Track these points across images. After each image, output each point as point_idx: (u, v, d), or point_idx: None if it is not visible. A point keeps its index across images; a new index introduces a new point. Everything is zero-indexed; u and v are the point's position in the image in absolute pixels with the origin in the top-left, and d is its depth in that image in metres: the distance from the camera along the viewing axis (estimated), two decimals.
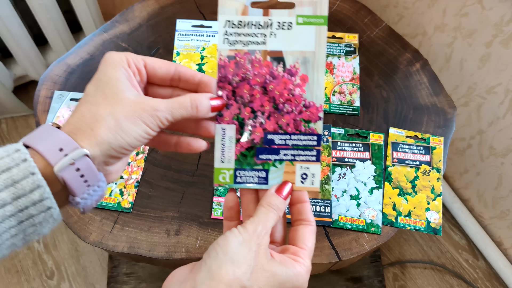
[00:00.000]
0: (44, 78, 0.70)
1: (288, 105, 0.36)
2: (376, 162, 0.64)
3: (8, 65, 1.12)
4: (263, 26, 0.35)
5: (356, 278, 0.97)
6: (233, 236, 0.31)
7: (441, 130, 0.68)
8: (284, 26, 0.35)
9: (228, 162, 0.36)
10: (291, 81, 0.35)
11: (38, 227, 0.28)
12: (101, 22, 1.13)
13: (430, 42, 0.94)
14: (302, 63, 0.35)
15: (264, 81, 0.35)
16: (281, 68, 0.35)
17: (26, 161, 0.27)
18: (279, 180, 0.36)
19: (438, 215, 0.61)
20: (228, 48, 0.35)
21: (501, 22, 0.77)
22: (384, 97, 0.72)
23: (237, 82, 0.35)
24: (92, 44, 0.74)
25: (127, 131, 0.30)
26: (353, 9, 0.81)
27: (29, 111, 1.23)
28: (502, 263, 1.03)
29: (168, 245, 0.58)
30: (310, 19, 0.35)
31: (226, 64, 0.35)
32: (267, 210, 0.33)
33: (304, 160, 0.36)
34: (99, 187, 0.30)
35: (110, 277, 0.95)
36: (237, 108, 0.35)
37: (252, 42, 0.35)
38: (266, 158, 0.36)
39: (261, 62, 0.35)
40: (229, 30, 0.35)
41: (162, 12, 0.79)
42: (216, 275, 0.29)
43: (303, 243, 0.35)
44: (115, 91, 0.31)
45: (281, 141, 0.36)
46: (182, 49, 0.74)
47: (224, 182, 0.36)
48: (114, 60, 0.32)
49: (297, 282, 0.32)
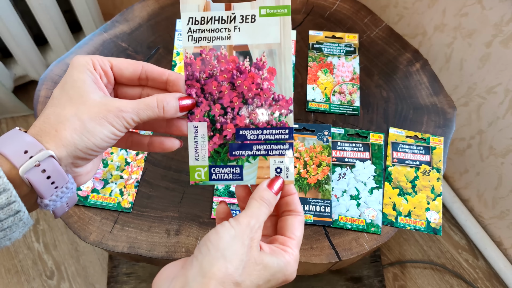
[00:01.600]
0: (44, 78, 0.70)
1: (257, 99, 0.35)
2: (376, 162, 0.64)
3: (8, 65, 1.12)
4: (227, 20, 0.34)
5: (356, 278, 0.97)
6: (225, 230, 0.31)
7: (441, 130, 0.68)
8: (248, 19, 0.34)
9: (202, 159, 0.36)
10: (259, 75, 0.35)
11: (8, 232, 0.28)
12: (101, 22, 1.13)
13: (430, 42, 0.94)
14: (269, 55, 0.35)
15: (231, 76, 0.35)
16: (248, 62, 0.35)
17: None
18: (254, 175, 0.36)
19: (438, 215, 0.61)
20: (193, 45, 0.35)
21: (501, 22, 0.77)
22: (384, 97, 0.72)
23: (205, 79, 0.35)
24: (92, 44, 0.74)
25: (92, 132, 0.30)
26: (353, 9, 0.81)
27: (29, 111, 1.23)
28: (502, 263, 1.03)
29: (168, 245, 0.58)
30: (273, 10, 0.34)
31: (192, 61, 0.35)
32: (259, 204, 0.33)
33: (277, 154, 0.36)
34: (68, 188, 0.30)
35: (110, 277, 0.95)
36: (207, 105, 0.35)
37: (217, 38, 0.35)
38: (239, 154, 0.36)
39: (227, 58, 0.35)
40: (192, 27, 0.35)
41: (162, 12, 0.79)
42: (208, 272, 0.29)
43: (292, 232, 0.35)
44: (80, 93, 0.31)
45: (253, 136, 0.36)
46: (182, 49, 0.74)
47: (200, 180, 0.36)
48: (80, 63, 0.32)
49: (286, 271, 0.33)
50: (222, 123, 0.36)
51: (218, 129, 0.36)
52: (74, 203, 0.33)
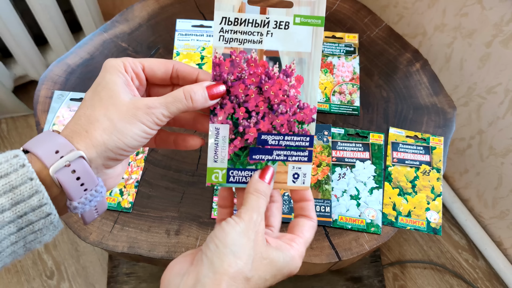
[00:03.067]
0: (44, 78, 0.70)
1: (282, 106, 0.35)
2: (376, 162, 0.64)
3: (8, 65, 1.12)
4: (260, 24, 0.34)
5: (356, 278, 0.97)
6: (231, 227, 0.31)
7: (441, 130, 0.68)
8: (281, 25, 0.34)
9: (221, 161, 0.36)
10: (286, 82, 0.35)
11: (38, 234, 0.28)
12: (101, 22, 1.13)
13: (430, 42, 0.94)
14: (298, 63, 0.35)
15: (259, 81, 0.35)
16: (277, 68, 0.35)
17: (25, 166, 0.27)
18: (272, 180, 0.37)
19: (438, 215, 0.61)
20: (224, 45, 0.34)
21: (501, 22, 0.77)
22: (384, 97, 0.72)
23: (232, 81, 0.35)
24: (92, 44, 0.74)
25: (123, 132, 0.30)
26: (353, 9, 0.81)
27: (29, 111, 1.23)
28: (502, 263, 1.03)
29: (168, 245, 0.58)
30: (307, 20, 0.34)
31: (221, 62, 0.35)
32: (256, 197, 0.33)
33: (296, 160, 0.37)
34: (97, 192, 0.30)
35: (110, 277, 0.95)
36: (232, 107, 0.35)
37: (248, 41, 0.34)
38: (259, 158, 0.36)
39: (257, 62, 0.35)
40: (225, 27, 0.34)
41: (162, 12, 0.79)
42: (219, 268, 0.29)
43: (301, 231, 0.35)
44: (110, 94, 0.31)
45: (274, 141, 0.36)
46: (182, 49, 0.74)
47: (217, 182, 0.36)
48: (111, 65, 0.32)
49: (291, 266, 0.33)
50: (245, 127, 0.36)
51: (240, 132, 0.36)
52: (104, 210, 0.33)
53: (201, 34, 0.76)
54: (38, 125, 0.66)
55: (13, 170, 0.27)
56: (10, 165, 0.27)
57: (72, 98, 0.68)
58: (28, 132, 1.22)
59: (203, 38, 0.76)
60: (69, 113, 0.66)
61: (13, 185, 0.26)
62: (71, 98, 0.68)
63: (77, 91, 0.69)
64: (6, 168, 0.27)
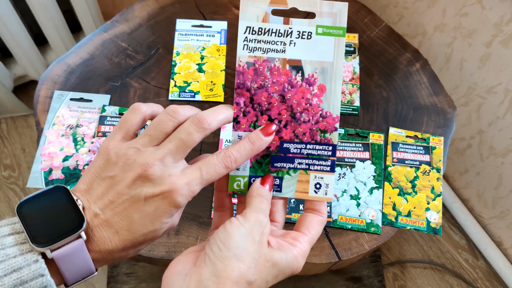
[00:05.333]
0: (44, 78, 0.70)
1: (305, 114, 0.36)
2: (376, 162, 0.64)
3: (8, 65, 1.12)
4: (283, 34, 0.35)
5: (356, 278, 0.97)
6: (235, 228, 0.30)
7: (441, 130, 0.68)
8: (304, 35, 0.35)
9: (243, 169, 0.36)
10: (309, 91, 0.35)
11: None
12: (101, 21, 1.13)
13: (430, 42, 0.94)
14: (320, 73, 0.35)
15: (282, 89, 0.35)
16: (300, 77, 0.35)
17: (43, 276, 0.28)
18: (293, 189, 0.36)
19: (438, 215, 0.61)
20: (248, 54, 0.35)
21: (501, 22, 0.77)
22: (384, 97, 0.72)
23: (255, 89, 0.35)
24: (92, 44, 0.74)
25: (133, 231, 0.31)
26: (353, 9, 0.81)
27: (29, 111, 1.23)
28: (502, 263, 1.03)
29: (168, 245, 0.58)
30: (329, 30, 0.35)
31: (245, 70, 0.35)
32: (260, 200, 0.33)
33: (318, 170, 0.36)
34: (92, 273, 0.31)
35: (110, 277, 0.95)
36: (254, 115, 0.35)
37: (272, 50, 0.35)
38: (280, 166, 0.36)
39: (280, 70, 0.35)
40: (249, 37, 0.35)
41: (162, 12, 0.79)
42: (222, 272, 0.29)
43: (307, 229, 0.35)
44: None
45: (296, 149, 0.36)
46: (182, 49, 0.74)
47: (239, 190, 0.36)
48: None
49: (293, 267, 0.33)
50: None
51: None
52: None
53: (201, 34, 0.76)
54: (38, 125, 0.66)
55: (30, 278, 0.27)
56: (29, 270, 0.28)
57: (72, 98, 0.68)
58: (28, 132, 1.22)
59: (203, 38, 0.76)
60: (69, 113, 0.66)
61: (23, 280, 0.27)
62: (71, 98, 0.68)
63: (77, 91, 0.69)
64: (26, 274, 0.27)
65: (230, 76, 0.72)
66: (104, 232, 0.30)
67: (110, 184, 0.31)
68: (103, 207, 0.30)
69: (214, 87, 0.71)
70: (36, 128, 0.79)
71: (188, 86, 0.71)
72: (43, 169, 0.62)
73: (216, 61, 0.74)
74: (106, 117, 0.66)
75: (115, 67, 0.72)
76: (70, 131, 0.65)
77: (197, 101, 0.69)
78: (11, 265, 0.27)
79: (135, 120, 0.33)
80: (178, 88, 0.70)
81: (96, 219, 0.30)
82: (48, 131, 0.65)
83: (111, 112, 0.67)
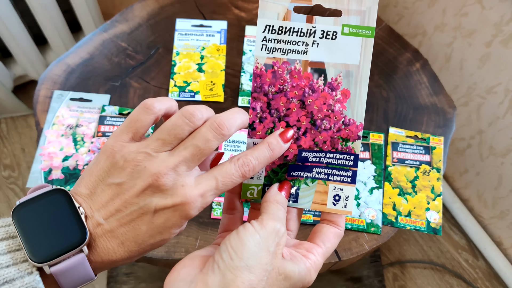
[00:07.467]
0: (43, 78, 0.70)
1: (326, 121, 0.33)
2: (376, 162, 0.64)
3: (8, 65, 1.12)
4: (306, 34, 0.32)
5: (356, 278, 0.97)
6: (249, 236, 0.28)
7: (441, 130, 0.68)
8: (328, 35, 0.32)
9: (258, 178, 0.33)
10: (332, 96, 0.32)
11: None
12: (100, 21, 1.13)
13: (430, 42, 0.94)
14: (345, 76, 0.32)
15: (302, 94, 0.32)
16: (322, 81, 0.32)
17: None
18: (310, 200, 0.34)
19: (438, 215, 0.61)
20: (266, 55, 0.32)
21: (501, 22, 0.77)
22: (384, 97, 0.71)
23: (273, 94, 0.32)
24: (92, 44, 0.74)
25: (141, 247, 0.29)
26: None
27: (29, 111, 1.23)
28: (502, 263, 1.03)
29: (167, 245, 0.58)
30: (356, 30, 0.32)
31: (262, 73, 0.32)
32: (277, 208, 0.31)
33: (338, 180, 0.33)
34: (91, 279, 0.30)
35: (110, 277, 0.95)
36: (271, 121, 0.32)
37: (293, 51, 0.32)
38: (297, 175, 0.33)
39: (301, 73, 0.32)
40: (268, 36, 0.32)
41: (161, 11, 0.79)
42: (231, 284, 0.26)
43: (321, 241, 0.32)
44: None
45: (315, 158, 0.33)
46: (182, 49, 0.74)
47: (252, 198, 0.34)
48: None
49: (305, 280, 0.30)
50: None
51: None
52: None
53: (201, 33, 0.76)
54: (37, 125, 0.66)
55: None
56: (22, 283, 0.25)
57: (71, 98, 0.68)
58: (28, 132, 1.22)
59: (203, 37, 0.76)
60: (68, 113, 0.66)
61: None
62: (71, 98, 0.68)
63: (77, 91, 0.69)
64: (19, 287, 0.25)
65: (229, 76, 0.72)
66: (109, 243, 0.28)
67: (117, 192, 0.28)
68: (108, 216, 0.28)
69: (214, 87, 0.71)
70: (35, 128, 0.79)
71: (188, 86, 0.71)
72: (43, 169, 0.62)
73: (216, 61, 0.73)
74: (106, 117, 0.66)
75: (115, 67, 0.72)
76: (69, 131, 0.65)
77: (197, 101, 0.69)
78: (3, 276, 0.25)
79: (146, 121, 0.30)
80: (178, 88, 0.70)
81: (99, 228, 0.28)
82: (48, 131, 0.65)
83: (111, 112, 0.67)
